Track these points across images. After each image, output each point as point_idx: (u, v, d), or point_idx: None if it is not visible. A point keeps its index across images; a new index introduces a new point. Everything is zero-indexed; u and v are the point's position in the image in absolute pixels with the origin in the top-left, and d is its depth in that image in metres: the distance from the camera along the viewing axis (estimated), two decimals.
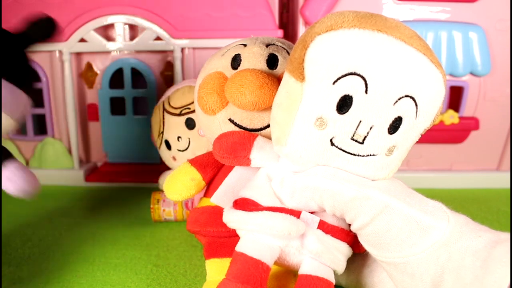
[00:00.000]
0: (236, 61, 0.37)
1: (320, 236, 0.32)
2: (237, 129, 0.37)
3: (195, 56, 0.70)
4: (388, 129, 0.29)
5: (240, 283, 0.30)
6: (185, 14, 0.67)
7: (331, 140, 0.29)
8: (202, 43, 0.68)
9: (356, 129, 0.28)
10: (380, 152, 0.29)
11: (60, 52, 0.69)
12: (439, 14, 0.63)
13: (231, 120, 0.37)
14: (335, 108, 0.28)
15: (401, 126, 0.29)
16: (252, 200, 0.33)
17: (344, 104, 0.28)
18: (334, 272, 0.33)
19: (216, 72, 0.37)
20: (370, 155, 0.29)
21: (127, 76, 0.71)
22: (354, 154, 0.29)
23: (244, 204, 0.33)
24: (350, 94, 0.27)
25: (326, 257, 0.32)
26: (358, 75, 0.27)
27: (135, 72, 0.72)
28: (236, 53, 0.37)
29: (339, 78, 0.27)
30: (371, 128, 0.28)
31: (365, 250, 0.33)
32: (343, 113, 0.28)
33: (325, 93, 0.28)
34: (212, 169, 0.40)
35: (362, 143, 0.29)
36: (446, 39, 0.62)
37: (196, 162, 0.41)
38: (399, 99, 0.28)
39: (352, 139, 0.29)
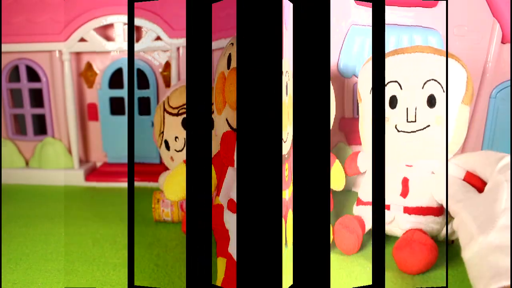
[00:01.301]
0: (229, 61, 0.36)
1: None
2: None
3: None
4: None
5: None
6: (182, 13, 0.67)
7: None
8: None
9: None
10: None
11: (60, 51, 0.69)
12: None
13: (227, 121, 0.37)
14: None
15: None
16: None
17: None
18: None
19: (221, 72, 0.37)
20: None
21: (127, 76, 0.71)
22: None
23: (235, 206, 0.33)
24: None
25: None
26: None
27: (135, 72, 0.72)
28: (229, 52, 0.37)
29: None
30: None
31: None
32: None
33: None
34: None
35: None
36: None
37: None
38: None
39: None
